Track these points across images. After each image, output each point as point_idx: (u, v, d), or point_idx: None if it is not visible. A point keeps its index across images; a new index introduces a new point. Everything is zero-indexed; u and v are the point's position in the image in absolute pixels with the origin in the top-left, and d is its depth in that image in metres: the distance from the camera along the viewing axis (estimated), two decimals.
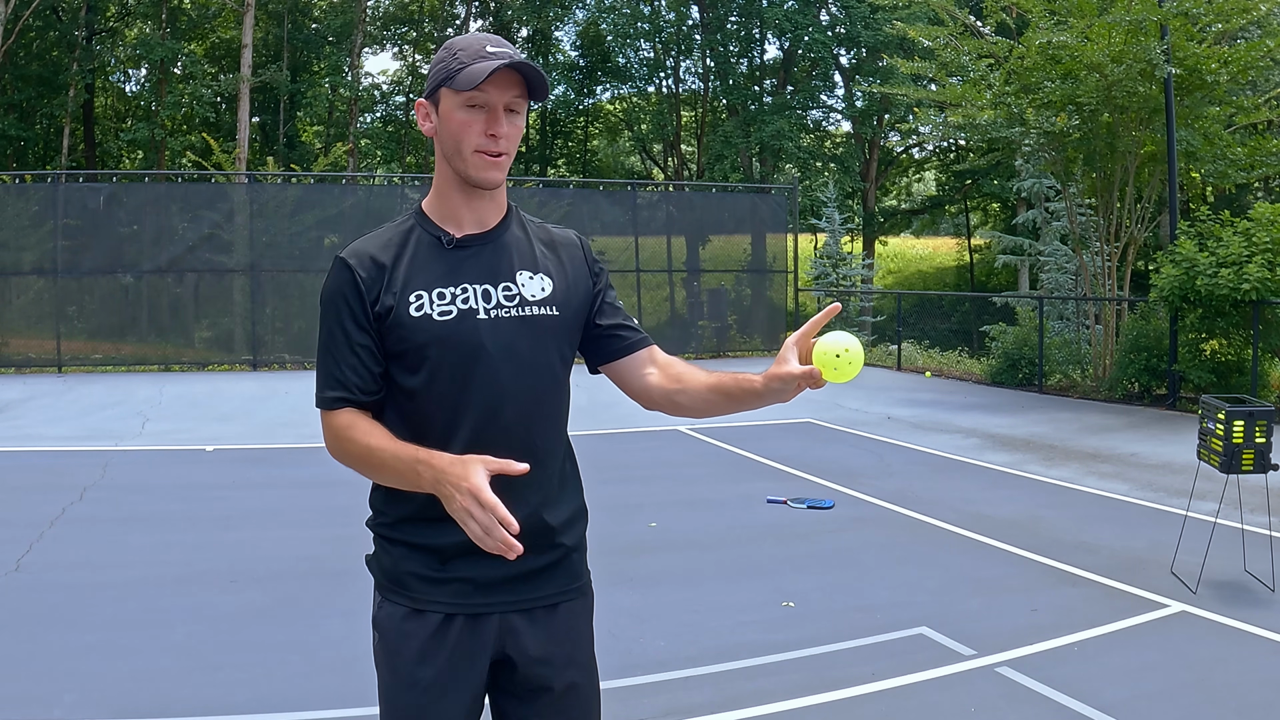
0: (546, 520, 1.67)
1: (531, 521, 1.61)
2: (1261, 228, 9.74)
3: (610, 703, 3.31)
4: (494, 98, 1.59)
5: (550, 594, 1.68)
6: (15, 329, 14.99)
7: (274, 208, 15.95)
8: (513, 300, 1.64)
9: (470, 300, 1.62)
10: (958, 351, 18.26)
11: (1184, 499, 5.98)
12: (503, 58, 1.56)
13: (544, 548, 1.66)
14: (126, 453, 7.99)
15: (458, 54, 1.59)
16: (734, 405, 1.67)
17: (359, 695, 3.36)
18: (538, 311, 1.66)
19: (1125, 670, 3.60)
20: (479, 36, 1.62)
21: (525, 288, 1.66)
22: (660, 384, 1.75)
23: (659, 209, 20.19)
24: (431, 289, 1.61)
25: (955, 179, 33.10)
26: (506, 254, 1.68)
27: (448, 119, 1.61)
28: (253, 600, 4.33)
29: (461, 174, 1.64)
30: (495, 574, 1.61)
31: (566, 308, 1.70)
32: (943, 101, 13.05)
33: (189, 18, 26.86)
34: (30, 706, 3.22)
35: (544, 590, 1.67)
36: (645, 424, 9.67)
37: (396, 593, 1.66)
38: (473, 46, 1.59)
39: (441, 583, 1.63)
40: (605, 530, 5.62)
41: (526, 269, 1.68)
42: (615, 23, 27.52)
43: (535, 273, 1.69)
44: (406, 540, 1.67)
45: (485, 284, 1.64)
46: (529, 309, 1.65)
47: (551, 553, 1.68)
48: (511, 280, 1.66)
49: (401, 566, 1.66)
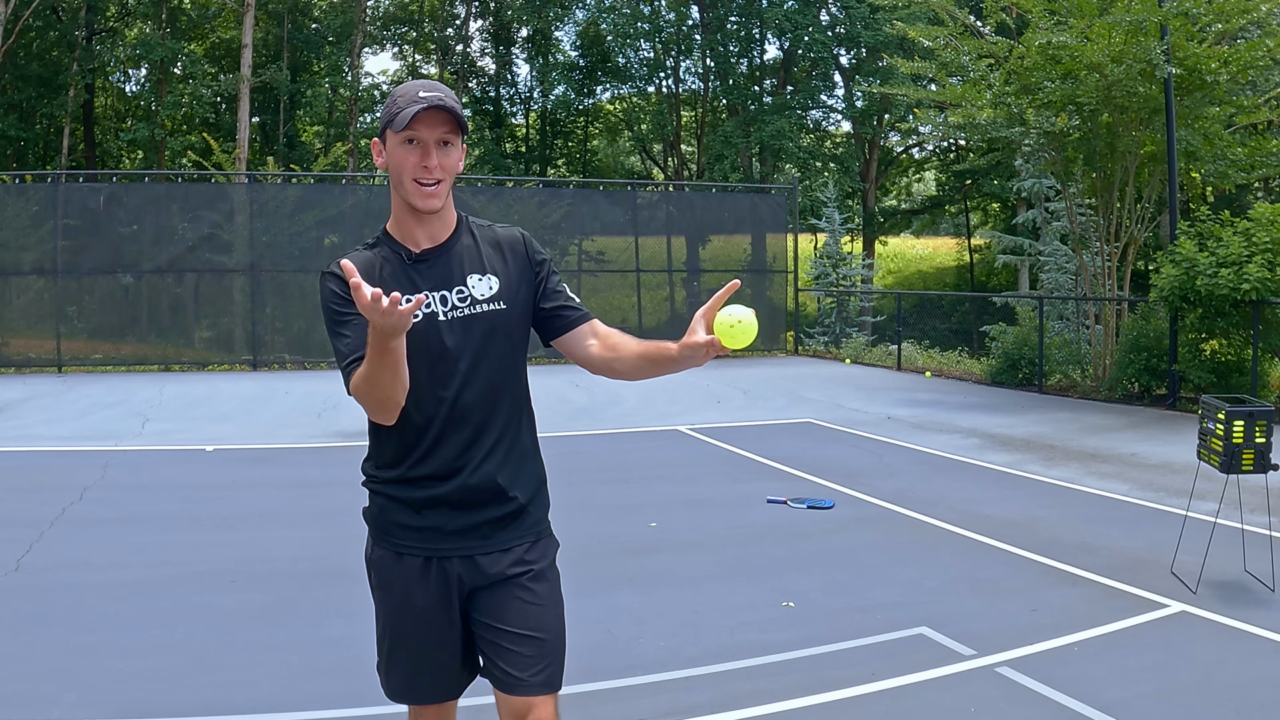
0: (499, 482, 2.02)
1: (487, 482, 2.01)
2: (1261, 228, 9.74)
3: (610, 703, 3.33)
4: (425, 134, 1.90)
5: (506, 539, 2.05)
6: (15, 329, 14.99)
7: (274, 208, 15.95)
8: (465, 301, 1.99)
9: (431, 305, 1.97)
10: (958, 351, 18.26)
11: (1184, 499, 5.98)
12: (432, 100, 1.87)
13: (499, 503, 2.03)
14: (126, 453, 7.99)
15: (397, 99, 1.91)
16: (658, 369, 2.02)
17: (359, 695, 3.36)
18: (488, 308, 2.00)
19: (1125, 670, 3.60)
20: (416, 84, 1.93)
21: (475, 289, 2.00)
22: (600, 353, 2.08)
23: (659, 209, 20.19)
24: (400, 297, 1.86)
25: (955, 179, 33.10)
26: (458, 261, 2.02)
27: (391, 155, 1.94)
28: (253, 600, 4.33)
29: (406, 200, 1.96)
30: (458, 523, 2.01)
31: (513, 300, 2.03)
32: (943, 101, 13.05)
33: (189, 18, 26.85)
34: (30, 706, 3.22)
35: (500, 536, 2.04)
36: (645, 424, 9.67)
37: (383, 538, 2.07)
38: (409, 93, 1.90)
39: (417, 530, 2.02)
40: (605, 530, 5.64)
41: (475, 272, 2.02)
42: (615, 23, 27.52)
43: (484, 274, 2.02)
44: (390, 495, 2.05)
45: (442, 290, 1.99)
46: (479, 307, 2.00)
47: (505, 506, 2.04)
48: (463, 284, 2.00)
49: (386, 515, 2.06)
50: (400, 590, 2.04)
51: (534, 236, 2.15)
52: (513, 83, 33.00)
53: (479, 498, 2.00)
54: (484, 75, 32.06)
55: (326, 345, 15.96)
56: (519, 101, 33.25)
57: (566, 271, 18.03)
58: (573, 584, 4.49)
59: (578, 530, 5.85)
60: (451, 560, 2.02)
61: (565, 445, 8.53)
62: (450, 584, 2.02)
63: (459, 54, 30.11)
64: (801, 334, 19.93)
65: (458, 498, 2.01)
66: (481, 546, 2.03)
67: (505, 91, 32.74)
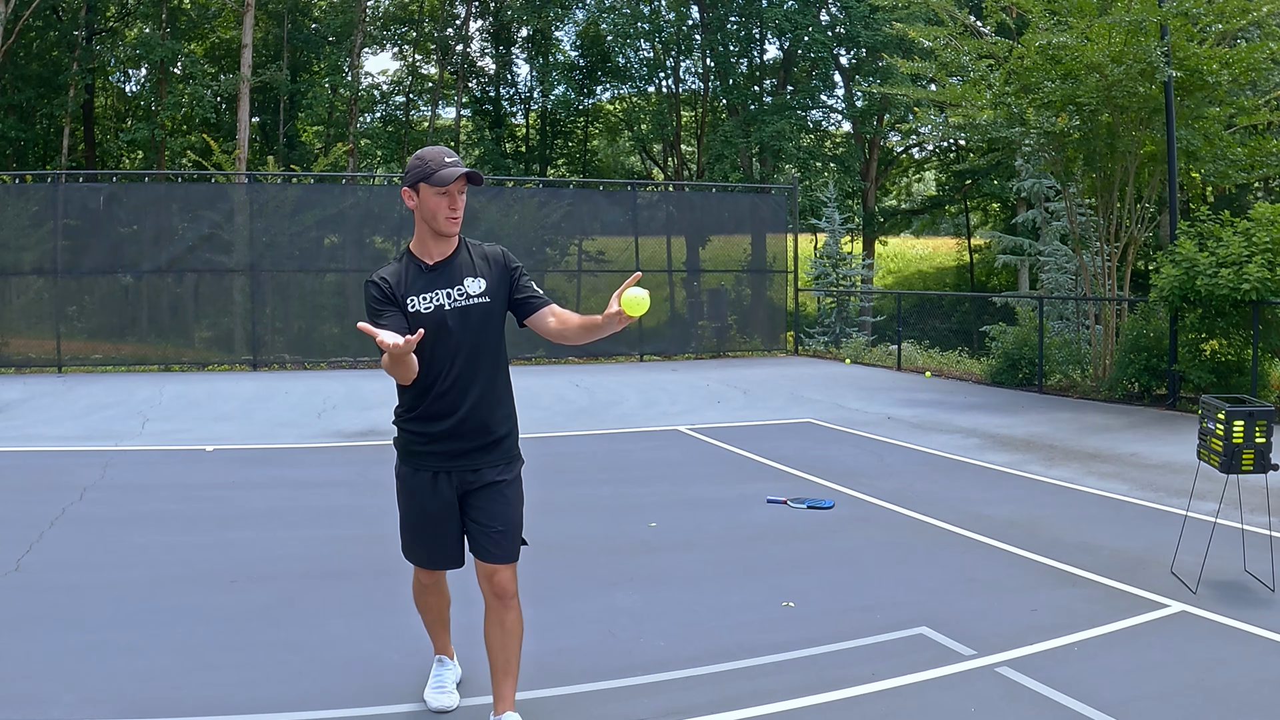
0: (486, 422, 3.00)
1: (478, 421, 2.98)
2: (1261, 228, 9.73)
3: (610, 703, 3.33)
4: (453, 188, 2.90)
5: (491, 460, 3.02)
6: (15, 329, 14.98)
7: (274, 208, 15.95)
8: (463, 297, 2.96)
9: (440, 299, 2.94)
10: (958, 351, 18.26)
11: (1184, 499, 5.98)
12: (460, 165, 2.87)
13: (484, 436, 3.00)
14: (126, 453, 7.99)
15: (428, 162, 2.87)
16: (590, 335, 2.92)
17: (359, 695, 3.36)
18: (477, 301, 2.97)
19: (1125, 670, 3.60)
20: (438, 150, 2.89)
21: (469, 288, 2.97)
22: (555, 326, 3.00)
23: (659, 209, 20.18)
24: (419, 295, 2.94)
25: (955, 179, 33.10)
26: (458, 270, 2.98)
27: (426, 201, 2.90)
28: (253, 600, 4.33)
29: (435, 229, 2.94)
30: (457, 448, 2.98)
31: (495, 296, 3.00)
32: (943, 102, 13.04)
33: (189, 18, 26.84)
34: (30, 706, 3.22)
35: (486, 459, 3.01)
36: (645, 424, 9.67)
37: (406, 458, 3.05)
38: (438, 157, 2.87)
39: (428, 454, 3.00)
40: (605, 530, 5.64)
41: (469, 276, 2.98)
42: (615, 23, 27.52)
43: (475, 278, 2.98)
44: (410, 429, 3.03)
45: (447, 289, 2.95)
46: (471, 300, 2.96)
47: (488, 438, 3.01)
48: (461, 284, 2.96)
49: (407, 444, 3.05)
50: (416, 494, 3.03)
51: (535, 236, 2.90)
52: (513, 83, 33.02)
53: (471, 432, 2.97)
54: (484, 75, 32.07)
55: (326, 345, 15.99)
56: (519, 101, 33.26)
57: (567, 271, 18.06)
58: (573, 584, 4.52)
59: (578, 530, 5.87)
60: (452, 474, 2.99)
61: (565, 445, 8.53)
62: (452, 490, 3.00)
63: (459, 54, 30.11)
64: (801, 334, 19.92)
65: (457, 432, 2.96)
66: (471, 464, 2.99)
67: (505, 91, 32.76)
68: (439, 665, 3.39)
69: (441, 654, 3.41)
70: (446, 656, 3.42)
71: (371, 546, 5.17)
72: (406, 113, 31.02)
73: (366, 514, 5.88)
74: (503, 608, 2.99)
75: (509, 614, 2.99)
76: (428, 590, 3.25)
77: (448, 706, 3.26)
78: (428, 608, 3.30)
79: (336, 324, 16.48)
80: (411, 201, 2.90)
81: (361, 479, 6.98)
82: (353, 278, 16.45)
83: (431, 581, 3.21)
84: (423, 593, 3.26)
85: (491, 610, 3.00)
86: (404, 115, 30.90)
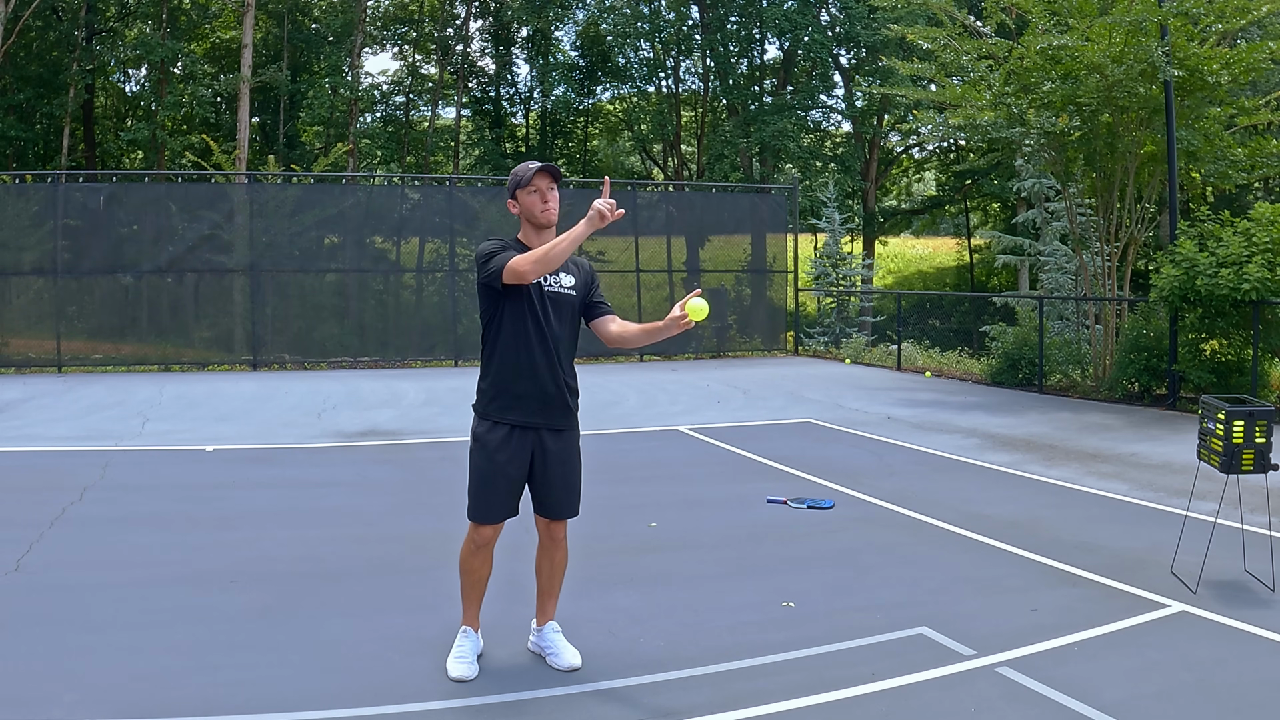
0: (565, 388, 3.51)
1: (559, 387, 3.48)
2: (1261, 228, 9.73)
3: (610, 703, 3.33)
4: (542, 185, 3.46)
5: (562, 423, 3.52)
6: (15, 329, 14.99)
7: (274, 208, 15.95)
8: (558, 285, 3.51)
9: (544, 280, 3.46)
10: (958, 351, 18.25)
11: (1184, 499, 5.98)
12: (543, 164, 3.42)
13: (563, 400, 3.50)
14: (126, 453, 7.99)
15: (516, 172, 3.49)
16: (649, 338, 3.48)
17: (359, 695, 3.36)
18: (567, 292, 3.53)
19: (1125, 670, 3.60)
20: (523, 163, 3.47)
21: (563, 280, 3.53)
22: (616, 330, 3.55)
23: (659, 209, 20.18)
24: None
25: (955, 179, 33.10)
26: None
27: (524, 201, 3.47)
28: (253, 600, 4.33)
29: (536, 224, 3.48)
30: (534, 407, 3.45)
31: (578, 292, 3.58)
32: (942, 102, 13.05)
33: (189, 18, 26.83)
34: (30, 706, 3.22)
35: (560, 421, 3.52)
36: (645, 424, 9.67)
37: (486, 416, 3.49)
38: (524, 167, 3.45)
39: (511, 410, 3.45)
40: (605, 530, 5.64)
41: (564, 272, 3.55)
42: (615, 23, 27.51)
43: (566, 273, 3.55)
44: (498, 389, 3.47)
45: (548, 276, 3.47)
46: (563, 290, 3.52)
47: (565, 402, 3.51)
48: (558, 275, 3.52)
49: (493, 403, 3.48)
50: (493, 447, 3.44)
51: None
52: (513, 83, 33.00)
53: (550, 396, 3.46)
54: (484, 75, 32.04)
55: (326, 345, 15.99)
56: (519, 101, 33.24)
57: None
58: (573, 584, 4.51)
59: (578, 530, 5.84)
60: (528, 432, 3.46)
61: None
62: (528, 446, 3.46)
63: (459, 54, 30.10)
64: (801, 334, 19.92)
65: (540, 395, 3.44)
66: (547, 424, 3.48)
67: (505, 91, 32.74)
68: (464, 636, 3.62)
69: (468, 625, 3.64)
70: (472, 629, 3.64)
71: (371, 546, 5.17)
72: (406, 113, 30.99)
73: (366, 514, 5.87)
74: (555, 548, 3.62)
75: (559, 552, 3.64)
76: (479, 553, 3.53)
77: (466, 676, 3.46)
78: (473, 570, 3.57)
79: (336, 324, 16.49)
80: (515, 208, 3.49)
81: (361, 479, 6.98)
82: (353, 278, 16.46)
83: (485, 542, 3.51)
84: (473, 555, 3.54)
85: (544, 549, 3.63)
86: (404, 115, 30.86)
